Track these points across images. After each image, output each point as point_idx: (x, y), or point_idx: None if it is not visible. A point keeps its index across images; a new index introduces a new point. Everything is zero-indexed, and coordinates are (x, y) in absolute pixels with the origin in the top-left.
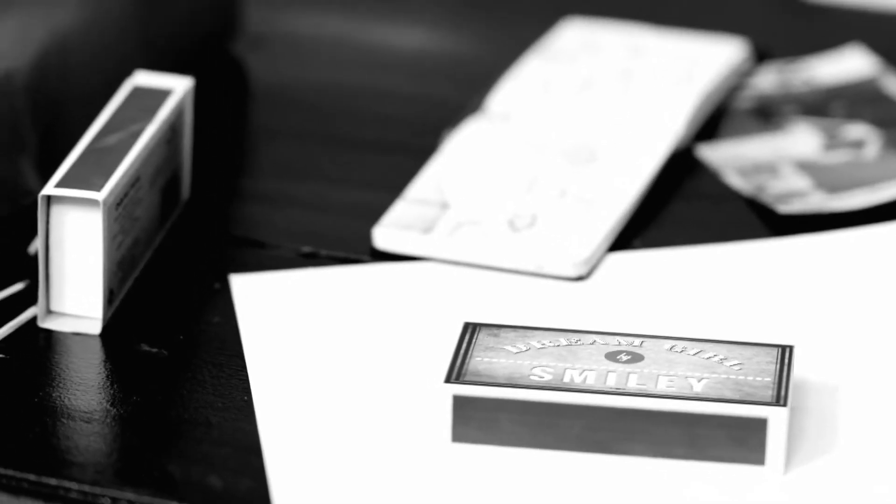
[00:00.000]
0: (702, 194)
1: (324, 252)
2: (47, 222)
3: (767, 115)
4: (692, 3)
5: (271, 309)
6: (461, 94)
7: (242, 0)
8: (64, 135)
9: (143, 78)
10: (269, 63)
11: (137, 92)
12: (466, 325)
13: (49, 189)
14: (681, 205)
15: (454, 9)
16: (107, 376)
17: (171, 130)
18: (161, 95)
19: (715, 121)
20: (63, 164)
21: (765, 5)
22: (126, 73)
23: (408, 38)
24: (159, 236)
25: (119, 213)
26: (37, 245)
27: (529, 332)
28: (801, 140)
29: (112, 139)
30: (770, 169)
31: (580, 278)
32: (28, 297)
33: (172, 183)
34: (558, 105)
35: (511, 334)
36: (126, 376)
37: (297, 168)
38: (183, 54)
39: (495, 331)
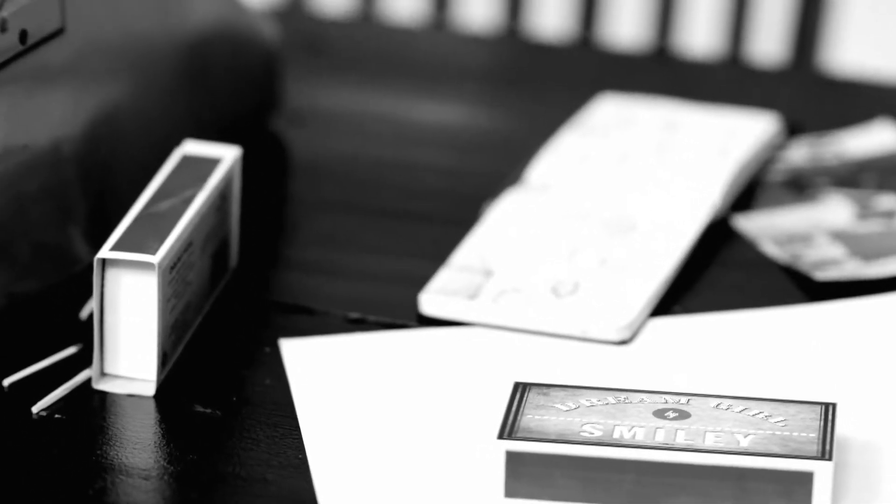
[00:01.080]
0: (739, 262)
1: (371, 318)
2: (102, 285)
3: (800, 186)
4: (724, 79)
5: (322, 372)
6: (499, 167)
7: (283, 77)
8: (113, 203)
9: (193, 147)
10: (309, 138)
11: (187, 160)
12: (517, 385)
13: (105, 252)
14: (718, 272)
15: (488, 86)
16: (162, 436)
17: (221, 198)
18: (210, 164)
19: (749, 192)
20: (117, 229)
21: (795, 81)
22: (172, 144)
23: (443, 113)
24: (209, 301)
25: (173, 277)
26: (89, 309)
27: (578, 391)
28: (834, 210)
29: (164, 205)
30: (804, 238)
31: (623, 342)
32: (81, 360)
33: (222, 250)
34: (596, 176)
35: (560, 393)
36: (181, 436)
37: (340, 238)
38: (226, 129)
39: (545, 390)
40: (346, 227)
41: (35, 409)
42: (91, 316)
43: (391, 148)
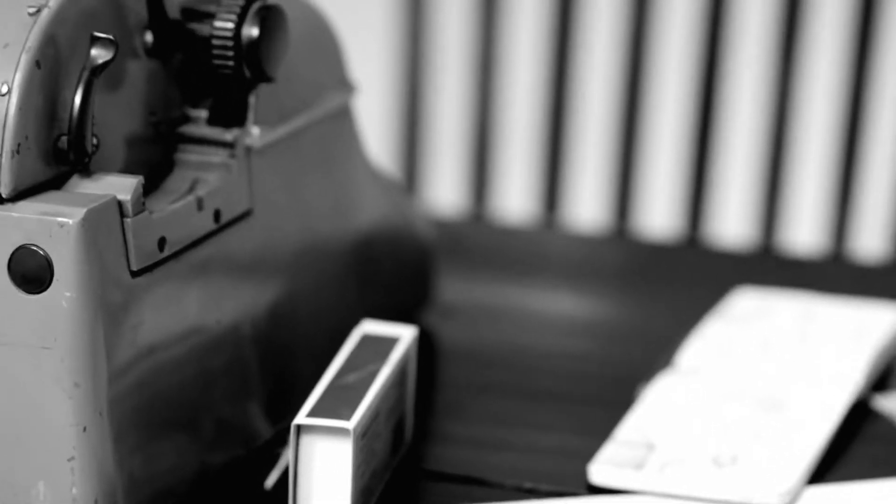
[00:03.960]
0: (881, 438)
1: (543, 487)
2: (297, 451)
3: None
4: (854, 273)
5: None
6: (640, 354)
7: (436, 273)
8: (291, 383)
9: (371, 326)
10: (459, 328)
11: (367, 338)
12: None
13: (301, 418)
14: (861, 447)
15: (608, 280)
16: None
17: (401, 374)
18: (390, 342)
19: (886, 375)
20: (310, 398)
21: None
22: (344, 331)
23: (577, 305)
24: (389, 472)
25: (363, 444)
26: (274, 479)
27: None
28: None
29: (351, 378)
30: None
31: None
32: None
33: (400, 424)
34: (743, 360)
35: None
36: None
37: (504, 417)
38: (388, 319)
39: None
40: (508, 407)
41: None
42: (276, 486)
43: (537, 337)
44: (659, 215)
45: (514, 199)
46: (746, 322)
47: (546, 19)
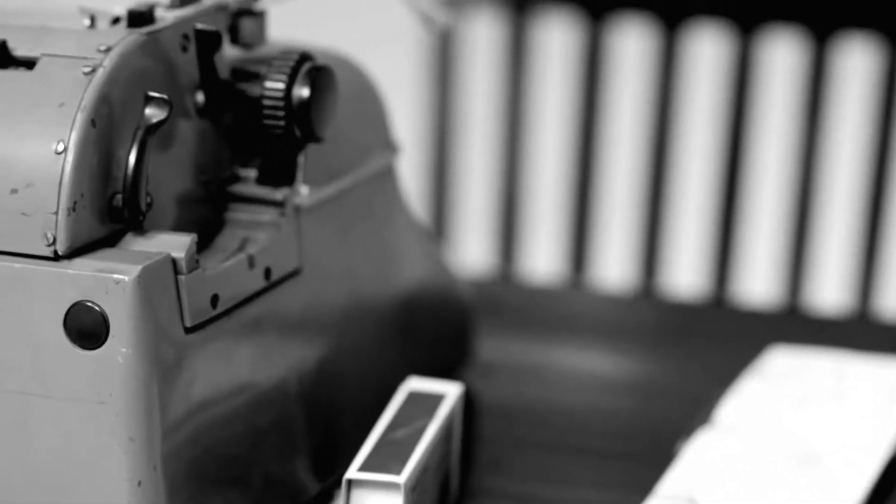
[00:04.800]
0: None
1: None
2: None
3: None
4: (880, 331)
5: None
6: (682, 412)
7: (475, 333)
8: (337, 439)
9: (418, 383)
10: (498, 387)
11: (414, 395)
12: None
13: (352, 473)
14: None
15: (658, 340)
16: None
17: (448, 430)
18: (435, 398)
19: None
20: (360, 453)
21: None
22: (387, 388)
23: (620, 363)
24: None
25: (413, 499)
26: None
27: None
28: None
29: (400, 433)
30: None
31: None
32: None
33: (446, 479)
34: (779, 417)
35: None
36: None
37: (546, 473)
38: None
39: None
40: (550, 463)
41: None
42: None
43: (575, 394)
44: (686, 275)
45: (542, 258)
46: (782, 380)
47: (574, 81)
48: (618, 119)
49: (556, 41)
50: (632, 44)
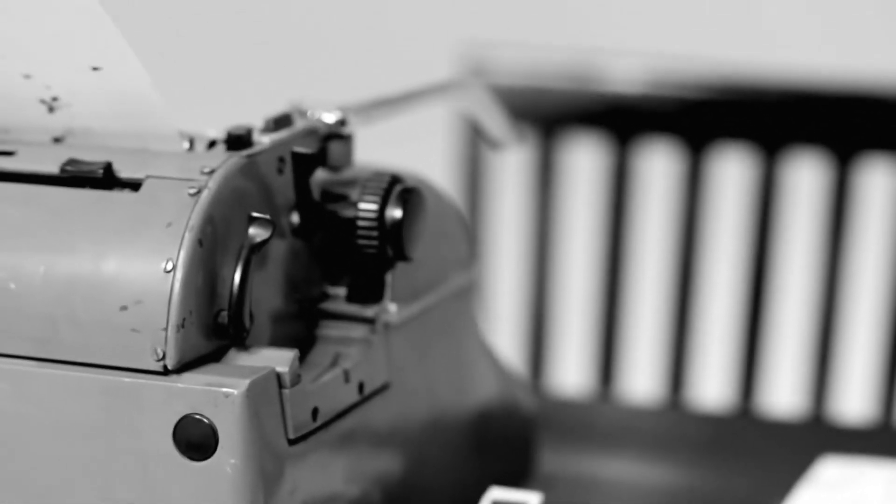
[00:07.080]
0: None
1: None
2: None
3: None
4: None
5: None
6: None
7: (538, 444)
8: None
9: (500, 493)
10: (559, 497)
11: None
12: None
13: None
14: None
15: (695, 451)
16: None
17: None
18: None
19: None
20: None
21: None
22: (462, 498)
23: (663, 474)
24: None
25: None
26: None
27: None
28: None
29: None
30: None
31: None
32: None
33: None
34: None
35: None
36: None
37: None
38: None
39: None
40: None
41: None
42: None
43: None
44: (710, 387)
45: (570, 373)
46: (837, 489)
47: (601, 202)
48: (644, 238)
49: (584, 164)
50: (658, 166)
